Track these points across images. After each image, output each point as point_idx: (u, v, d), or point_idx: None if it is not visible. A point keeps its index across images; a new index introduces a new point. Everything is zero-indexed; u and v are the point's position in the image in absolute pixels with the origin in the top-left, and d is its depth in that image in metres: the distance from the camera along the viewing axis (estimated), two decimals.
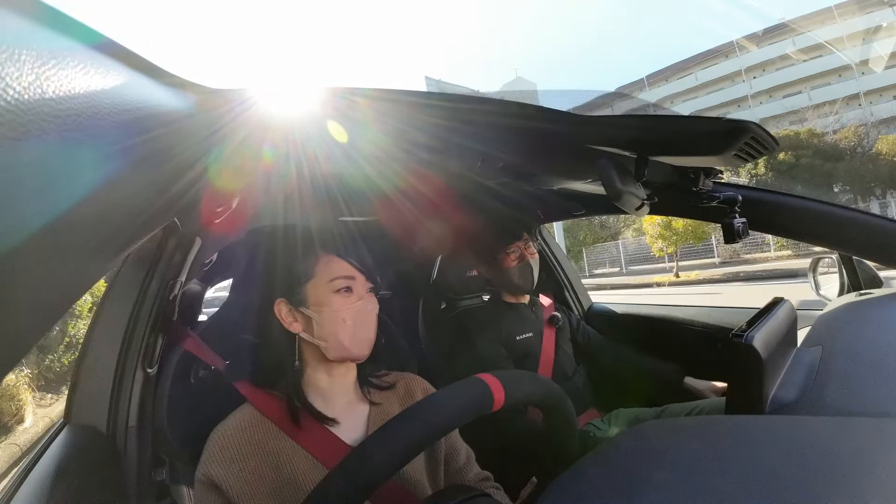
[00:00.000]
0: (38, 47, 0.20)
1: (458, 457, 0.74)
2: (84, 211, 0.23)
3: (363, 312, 0.67)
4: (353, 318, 0.65)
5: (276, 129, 0.51)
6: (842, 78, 20.48)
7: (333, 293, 0.65)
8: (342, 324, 0.65)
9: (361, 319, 0.67)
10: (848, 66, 19.86)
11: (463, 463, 0.74)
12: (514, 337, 1.25)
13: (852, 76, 20.04)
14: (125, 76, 0.27)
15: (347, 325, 0.65)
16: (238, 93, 0.42)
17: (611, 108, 0.77)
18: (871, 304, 0.94)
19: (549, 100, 0.57)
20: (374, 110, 0.52)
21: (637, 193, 0.71)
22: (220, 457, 0.60)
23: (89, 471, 0.73)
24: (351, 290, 0.67)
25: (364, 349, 0.67)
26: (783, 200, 0.97)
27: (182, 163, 0.35)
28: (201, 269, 1.26)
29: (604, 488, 0.40)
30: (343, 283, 0.66)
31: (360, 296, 0.67)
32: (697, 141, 0.67)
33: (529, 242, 1.30)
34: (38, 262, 0.21)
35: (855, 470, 0.37)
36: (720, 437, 0.47)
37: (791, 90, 21.84)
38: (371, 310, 0.69)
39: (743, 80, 23.38)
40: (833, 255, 1.16)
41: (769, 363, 0.62)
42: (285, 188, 0.89)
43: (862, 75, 19.50)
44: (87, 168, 0.23)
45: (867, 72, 19.03)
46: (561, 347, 1.31)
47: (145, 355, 0.88)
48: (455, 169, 0.83)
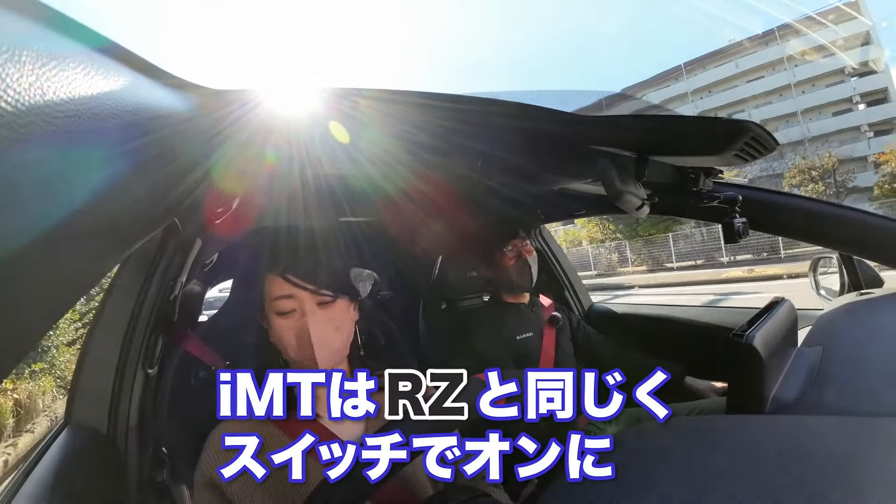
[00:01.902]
0: (38, 49, 0.20)
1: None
2: (85, 213, 0.23)
3: (310, 328, 0.63)
4: (296, 337, 0.63)
5: (278, 130, 0.51)
6: (782, 97, 21.54)
7: (275, 314, 0.64)
8: (289, 342, 0.63)
9: (307, 336, 0.63)
10: (787, 86, 21.15)
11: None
12: (515, 337, 1.26)
13: (791, 95, 21.22)
14: (126, 78, 0.27)
15: (293, 345, 0.63)
16: (240, 94, 0.42)
17: (613, 109, 0.77)
18: (872, 303, 0.94)
19: (552, 101, 0.57)
20: (377, 111, 0.52)
21: (637, 193, 0.71)
22: (218, 458, 0.59)
23: (90, 471, 0.73)
24: (295, 310, 0.63)
25: (325, 361, 0.64)
26: (784, 200, 0.97)
27: (184, 164, 0.35)
28: (201, 269, 1.26)
29: (605, 488, 0.40)
30: (281, 306, 0.63)
31: (302, 313, 0.63)
32: (697, 141, 0.67)
33: (527, 241, 1.31)
34: (38, 265, 0.21)
35: (855, 469, 0.37)
36: (720, 436, 0.47)
37: (735, 109, 22.56)
38: (323, 322, 0.64)
39: (690, 101, 24.16)
40: (833, 255, 1.16)
41: (770, 363, 0.62)
42: (286, 188, 0.89)
43: (802, 93, 20.80)
44: (89, 170, 0.23)
45: (807, 90, 20.54)
46: (561, 347, 1.31)
47: (146, 356, 0.88)
48: (456, 169, 0.83)
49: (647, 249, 16.40)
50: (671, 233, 15.44)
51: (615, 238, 17.59)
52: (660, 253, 15.97)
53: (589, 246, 18.56)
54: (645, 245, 16.39)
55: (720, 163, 0.78)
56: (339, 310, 0.67)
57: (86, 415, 0.82)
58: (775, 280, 9.65)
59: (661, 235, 15.68)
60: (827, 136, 19.38)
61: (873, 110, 19.25)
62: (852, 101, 19.86)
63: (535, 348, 1.27)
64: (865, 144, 18.10)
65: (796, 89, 20.84)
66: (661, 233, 15.64)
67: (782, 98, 21.41)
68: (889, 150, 15.12)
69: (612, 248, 17.64)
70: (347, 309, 0.69)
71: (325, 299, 0.65)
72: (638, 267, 16.52)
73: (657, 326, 1.52)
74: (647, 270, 15.82)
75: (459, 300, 1.65)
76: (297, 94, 0.48)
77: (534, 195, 1.27)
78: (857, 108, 19.80)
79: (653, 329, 1.53)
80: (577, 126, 0.64)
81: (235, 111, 0.41)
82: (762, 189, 0.99)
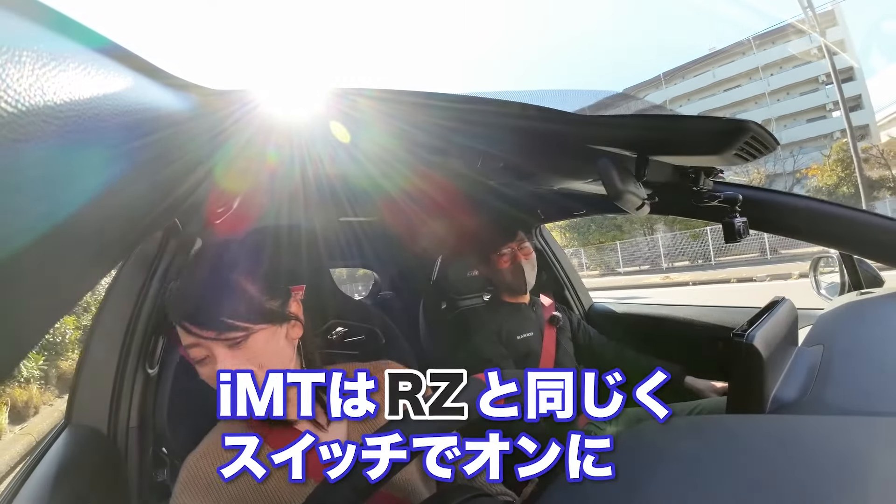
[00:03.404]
0: (38, 49, 0.20)
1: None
2: (86, 214, 0.23)
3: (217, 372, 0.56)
4: (214, 382, 0.57)
5: (279, 129, 0.51)
6: (757, 105, 22.22)
7: (195, 362, 0.58)
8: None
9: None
10: (762, 95, 22.07)
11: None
12: (515, 336, 1.26)
13: (765, 103, 22.00)
14: (127, 78, 0.27)
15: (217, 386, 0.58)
16: (241, 94, 0.42)
17: (615, 110, 0.77)
18: (872, 303, 0.94)
19: (552, 100, 0.57)
20: (377, 110, 0.52)
21: (637, 193, 0.71)
22: (193, 486, 0.57)
23: (90, 471, 0.73)
24: (208, 356, 0.57)
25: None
26: (784, 200, 0.97)
27: (185, 165, 0.35)
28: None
29: (605, 488, 0.40)
30: (194, 355, 0.58)
31: (214, 359, 0.56)
32: (698, 140, 0.67)
33: (524, 244, 1.30)
34: (39, 266, 0.21)
35: (856, 469, 0.37)
36: (721, 436, 0.47)
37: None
38: (239, 365, 0.56)
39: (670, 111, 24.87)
40: (833, 255, 1.16)
41: (770, 362, 0.62)
42: (286, 188, 0.89)
43: (777, 101, 21.65)
44: (89, 171, 0.23)
45: (781, 98, 21.49)
46: (562, 346, 1.31)
47: (146, 356, 0.88)
48: (456, 169, 0.83)
49: (600, 255, 18.53)
50: (619, 241, 17.64)
51: (573, 245, 19.18)
52: (609, 259, 18.02)
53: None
54: (597, 251, 18.53)
55: (720, 162, 0.78)
56: (259, 343, 0.58)
57: (86, 415, 0.82)
58: (683, 286, 11.31)
59: (609, 243, 17.87)
60: (801, 142, 19.94)
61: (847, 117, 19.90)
62: (826, 108, 20.53)
63: (536, 348, 1.27)
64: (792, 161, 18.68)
65: (771, 97, 21.68)
66: (609, 241, 17.89)
67: (758, 106, 22.09)
68: (815, 165, 15.95)
69: (571, 254, 19.30)
70: (273, 336, 0.60)
71: (234, 340, 0.56)
72: (592, 271, 18.35)
73: (657, 326, 1.52)
74: (601, 274, 17.66)
75: (460, 300, 1.65)
76: (298, 94, 0.48)
77: (534, 195, 1.27)
78: (830, 115, 20.41)
79: (653, 329, 1.53)
80: (577, 126, 0.64)
81: (237, 111, 0.41)
82: (762, 189, 0.99)
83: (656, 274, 14.89)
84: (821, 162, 15.82)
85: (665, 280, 12.77)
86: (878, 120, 18.56)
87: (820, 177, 15.29)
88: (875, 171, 14.75)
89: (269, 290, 0.61)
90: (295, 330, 0.64)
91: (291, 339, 0.64)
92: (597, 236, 18.20)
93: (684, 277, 12.35)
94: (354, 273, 7.66)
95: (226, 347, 0.56)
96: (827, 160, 15.31)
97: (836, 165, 14.54)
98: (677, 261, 16.06)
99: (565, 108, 0.61)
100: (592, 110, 0.67)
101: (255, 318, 0.58)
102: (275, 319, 0.60)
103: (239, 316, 0.56)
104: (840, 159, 14.33)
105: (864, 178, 11.68)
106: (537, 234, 1.69)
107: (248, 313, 0.57)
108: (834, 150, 14.89)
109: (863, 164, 14.03)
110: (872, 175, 14.95)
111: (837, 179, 14.58)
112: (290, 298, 0.65)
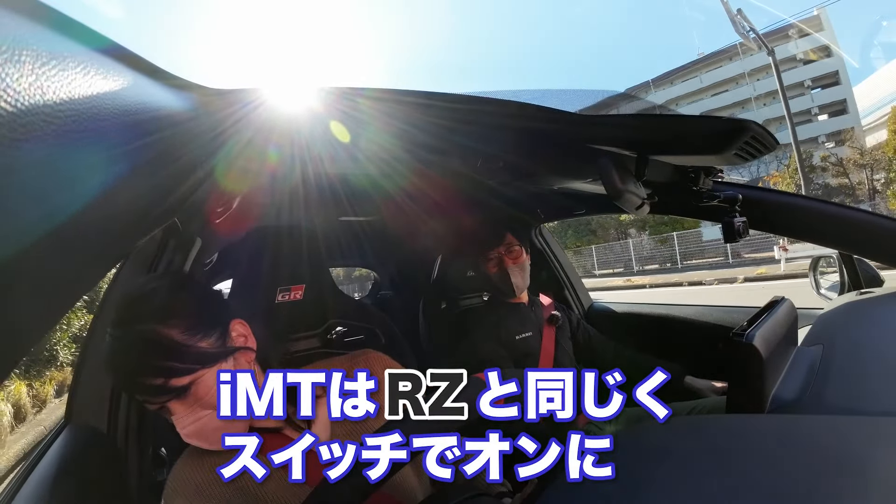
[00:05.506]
0: (38, 49, 0.20)
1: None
2: (86, 214, 0.23)
3: (178, 430, 0.55)
4: (184, 437, 0.56)
5: (279, 129, 0.51)
6: (744, 109, 22.72)
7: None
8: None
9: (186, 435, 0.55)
10: (748, 99, 22.61)
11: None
12: (514, 336, 1.25)
13: (752, 107, 22.49)
14: (127, 78, 0.27)
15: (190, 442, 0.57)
16: (241, 94, 0.42)
17: (616, 109, 0.77)
18: (872, 303, 0.94)
19: (552, 100, 0.57)
20: (377, 110, 0.52)
21: (637, 193, 0.71)
22: (181, 492, 0.58)
23: (90, 471, 0.73)
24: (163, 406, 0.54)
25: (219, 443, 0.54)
26: (784, 199, 0.97)
27: (185, 164, 0.35)
28: (201, 269, 1.26)
29: (605, 488, 0.40)
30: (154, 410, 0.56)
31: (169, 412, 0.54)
32: (698, 140, 0.67)
33: (514, 247, 1.28)
34: (39, 266, 0.21)
35: (855, 469, 0.37)
36: (721, 436, 0.47)
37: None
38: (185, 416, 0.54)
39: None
40: (833, 254, 1.16)
41: (770, 362, 0.62)
42: (286, 188, 0.89)
43: (764, 106, 21.91)
44: (89, 171, 0.23)
45: (768, 103, 21.68)
46: (561, 346, 1.31)
47: None
48: (456, 168, 0.82)
49: (576, 259, 19.06)
50: (594, 245, 19.10)
51: None
52: (586, 262, 19.08)
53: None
54: (574, 255, 19.09)
55: (720, 162, 0.78)
56: (209, 383, 0.54)
57: (86, 415, 0.82)
58: (640, 289, 12.31)
59: (585, 247, 19.28)
60: (786, 146, 20.29)
61: (833, 121, 20.32)
62: (811, 112, 20.88)
63: (535, 347, 1.27)
64: (756, 169, 18.98)
65: (757, 102, 22.09)
66: (585, 245, 19.41)
67: (745, 110, 22.50)
68: (776, 173, 16.67)
69: None
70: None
71: (177, 394, 0.53)
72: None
73: (657, 326, 1.52)
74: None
75: (459, 299, 1.65)
76: (298, 93, 0.48)
77: (534, 194, 1.27)
78: (816, 119, 20.83)
79: (653, 328, 1.53)
80: (577, 125, 0.64)
81: (237, 111, 0.41)
82: (762, 188, 0.99)
83: (629, 276, 16.05)
84: (781, 170, 16.63)
85: (626, 283, 14.05)
86: (864, 124, 18.82)
87: (781, 184, 16.02)
88: (835, 179, 15.79)
89: (196, 329, 0.55)
90: (245, 356, 0.60)
91: (244, 365, 0.60)
92: (574, 240, 19.51)
93: (648, 280, 13.78)
94: (350, 274, 7.63)
95: (176, 402, 0.53)
96: (787, 169, 16.14)
97: (795, 173, 15.24)
98: (647, 264, 17.36)
99: (565, 108, 0.61)
100: (593, 110, 0.67)
101: (191, 366, 0.53)
102: (213, 360, 0.55)
103: (172, 372, 0.52)
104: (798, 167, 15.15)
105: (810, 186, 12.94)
106: (537, 233, 1.69)
107: (182, 364, 0.53)
108: (792, 160, 15.57)
109: (822, 171, 15.80)
110: (832, 182, 16.29)
111: (795, 187, 15.17)
112: (229, 327, 0.60)
